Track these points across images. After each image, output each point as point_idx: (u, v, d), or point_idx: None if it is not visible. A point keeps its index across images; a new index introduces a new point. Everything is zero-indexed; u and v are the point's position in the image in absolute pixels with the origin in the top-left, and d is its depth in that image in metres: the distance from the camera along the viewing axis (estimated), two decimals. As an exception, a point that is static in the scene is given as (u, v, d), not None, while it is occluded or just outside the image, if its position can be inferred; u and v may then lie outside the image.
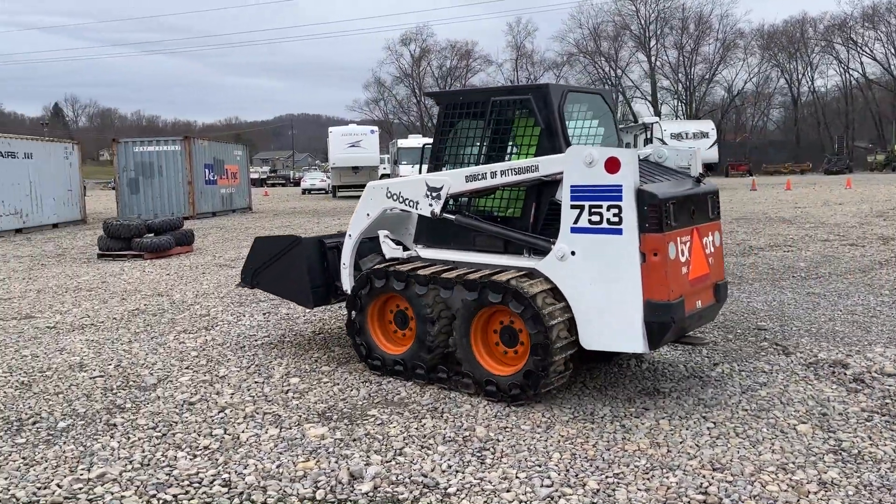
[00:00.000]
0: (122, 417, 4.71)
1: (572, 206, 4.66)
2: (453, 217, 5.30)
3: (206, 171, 24.42)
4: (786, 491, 3.53)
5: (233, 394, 5.14)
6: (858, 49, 69.96)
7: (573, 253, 4.65)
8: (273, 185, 66.48)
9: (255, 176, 62.18)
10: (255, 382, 5.38)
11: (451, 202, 5.35)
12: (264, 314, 7.84)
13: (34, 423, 4.65)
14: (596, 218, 4.57)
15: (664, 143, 35.20)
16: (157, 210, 22.29)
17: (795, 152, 72.50)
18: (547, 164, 4.84)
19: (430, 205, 5.30)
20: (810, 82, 76.29)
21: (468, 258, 5.26)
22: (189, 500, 3.55)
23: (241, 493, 3.61)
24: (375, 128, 37.90)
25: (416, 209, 5.41)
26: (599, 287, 4.56)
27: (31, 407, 4.95)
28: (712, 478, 3.68)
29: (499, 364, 4.92)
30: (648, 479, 3.69)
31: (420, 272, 5.18)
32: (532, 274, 4.81)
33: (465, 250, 5.32)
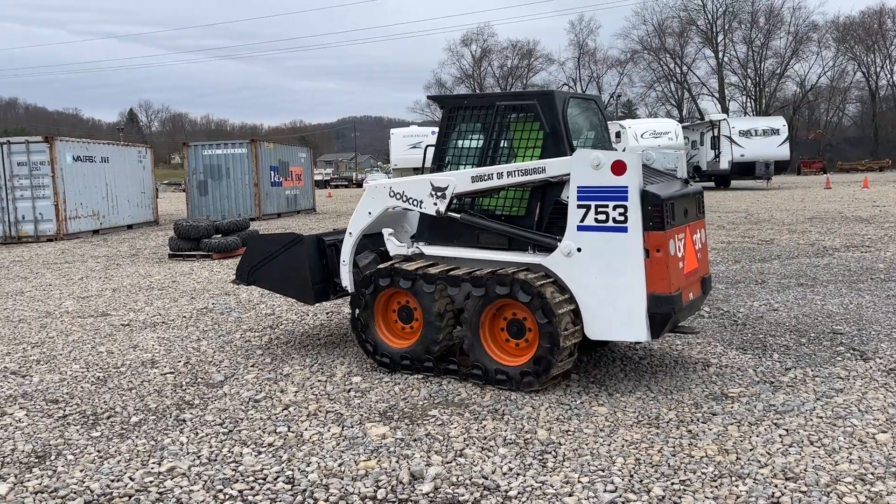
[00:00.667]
0: (191, 413, 4.84)
1: (579, 206, 4.96)
2: (458, 216, 5.52)
3: (272, 172, 24.97)
4: (864, 503, 3.36)
5: (296, 392, 5.22)
6: (941, 39, 66.50)
7: (579, 249, 4.95)
8: (336, 186, 67.54)
9: (319, 177, 63.28)
10: (318, 381, 5.46)
11: (454, 201, 5.55)
12: (327, 314, 7.96)
13: (109, 417, 4.83)
14: (602, 217, 4.88)
15: (732, 140, 34.24)
16: (224, 211, 22.91)
17: (873, 148, 69.38)
18: (554, 167, 5.14)
19: (435, 204, 5.54)
20: (889, 75, 72.92)
21: (472, 255, 5.50)
22: (254, 495, 3.62)
23: (304, 490, 3.66)
24: (437, 129, 38.04)
25: (420, 208, 5.63)
26: (605, 281, 4.88)
27: (106, 402, 5.14)
28: (785, 487, 3.54)
29: (507, 355, 5.16)
30: (717, 486, 3.57)
31: (429, 271, 5.38)
32: (536, 269, 5.13)
33: (467, 247, 5.55)
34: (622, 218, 4.80)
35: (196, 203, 23.68)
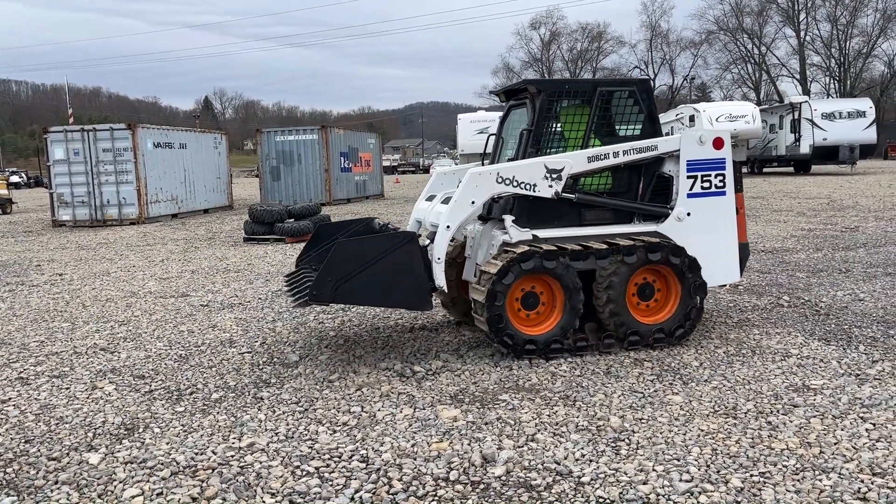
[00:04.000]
0: (268, 392, 4.99)
1: (688, 177, 5.87)
2: (574, 196, 5.73)
3: (342, 158, 25.35)
4: (960, 503, 3.20)
5: (369, 373, 5.32)
6: None
7: (689, 214, 5.87)
8: (403, 172, 68.07)
9: (387, 163, 63.92)
10: (390, 363, 5.54)
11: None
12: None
13: (191, 393, 5.03)
14: (707, 184, 5.92)
15: (814, 123, 32.82)
16: (296, 196, 23.42)
17: (967, 131, 65.33)
18: (665, 144, 5.87)
19: (551, 186, 5.64)
20: None
21: (582, 232, 5.79)
22: (330, 472, 3.71)
23: (378, 469, 3.72)
24: (501, 113, 37.81)
25: (533, 191, 5.64)
26: (708, 238, 5.90)
27: (189, 378, 5.35)
28: (872, 483, 3.40)
29: (643, 317, 5.72)
30: (799, 479, 3.46)
31: (572, 248, 5.53)
32: (650, 235, 5.80)
33: (573, 226, 5.82)
34: (722, 184, 5.94)
35: (269, 188, 24.26)
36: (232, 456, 3.94)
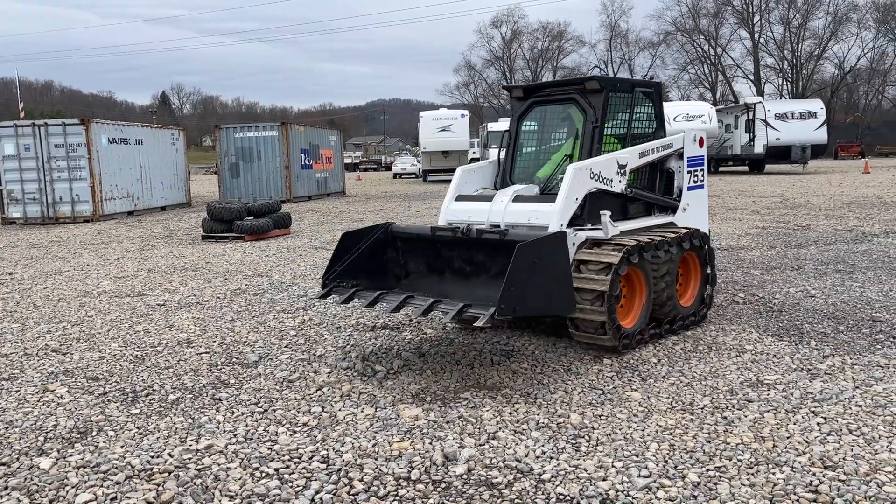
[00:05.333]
0: (227, 392, 4.92)
1: (688, 171, 6.56)
2: (631, 191, 6.11)
3: (303, 155, 25.12)
4: (905, 493, 3.31)
5: (329, 373, 5.27)
6: None
7: (688, 205, 6.57)
8: (365, 169, 67.75)
9: (349, 160, 63.52)
10: (351, 362, 5.50)
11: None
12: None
13: (147, 395, 4.92)
14: (696, 178, 6.70)
15: (768, 124, 33.57)
16: (255, 194, 23.14)
17: (914, 132, 67.55)
18: (678, 141, 6.55)
19: (620, 181, 5.96)
20: (932, 57, 70.77)
21: (628, 226, 6.00)
22: (290, 474, 3.67)
23: (339, 469, 3.70)
24: (466, 112, 37.90)
25: (610, 186, 5.86)
26: (695, 226, 6.49)
27: (144, 380, 5.24)
28: (823, 476, 3.49)
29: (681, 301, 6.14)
30: (753, 473, 3.54)
31: (654, 239, 5.72)
32: (669, 226, 6.34)
33: (620, 220, 6.02)
34: (702, 178, 6.79)
35: (228, 185, 23.93)
36: (189, 458, 3.87)
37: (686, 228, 6.26)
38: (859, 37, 70.44)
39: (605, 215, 5.54)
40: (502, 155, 6.60)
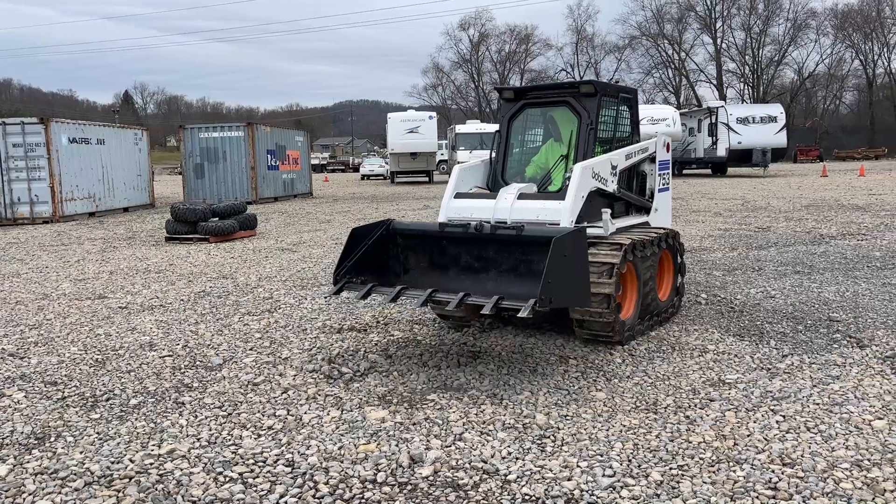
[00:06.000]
0: (190, 396, 4.85)
1: (659, 175, 6.99)
2: (620, 192, 6.39)
3: (269, 156, 24.89)
4: (860, 489, 3.39)
5: (295, 375, 5.23)
6: (940, 28, 66.36)
7: (659, 206, 7.01)
8: (333, 170, 67.36)
9: (316, 162, 63.11)
10: (317, 365, 5.46)
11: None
12: (325, 298, 7.96)
13: (108, 399, 4.83)
14: (664, 181, 7.13)
15: (730, 127, 34.16)
16: (221, 195, 22.86)
17: (869, 137, 69.38)
18: (653, 146, 6.92)
19: (613, 182, 6.22)
20: (886, 63, 72.75)
21: (618, 224, 6.24)
22: (254, 478, 3.63)
23: (304, 473, 3.67)
24: (434, 113, 37.88)
25: (606, 186, 6.13)
26: (662, 225, 6.92)
27: (105, 384, 5.14)
28: (782, 473, 3.56)
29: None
30: (714, 471, 3.60)
31: (645, 237, 6.03)
32: (643, 226, 6.68)
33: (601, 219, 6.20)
34: (667, 180, 7.23)
35: (192, 186, 23.61)
36: (151, 464, 3.81)
37: (664, 228, 6.63)
38: (818, 43, 72.37)
39: (607, 213, 5.91)
40: (493, 155, 6.76)
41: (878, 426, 4.10)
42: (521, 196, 5.96)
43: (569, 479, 3.55)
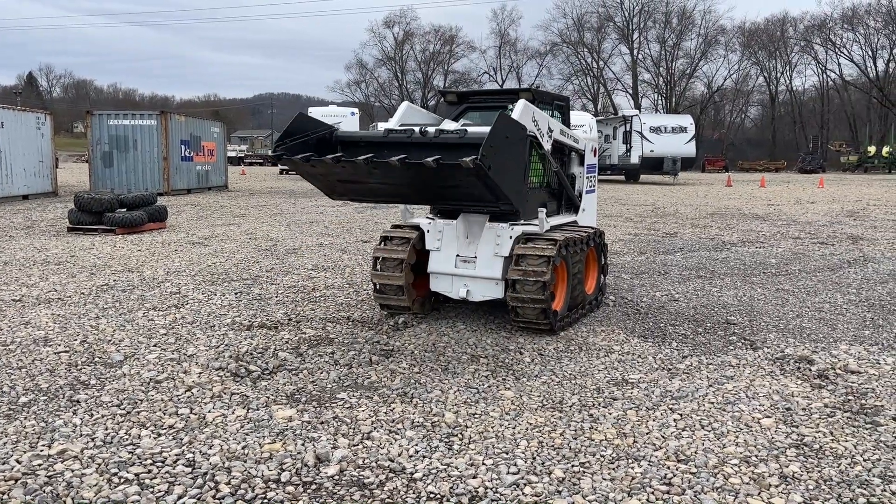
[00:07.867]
0: (86, 394, 4.64)
1: (587, 177, 7.49)
2: (555, 166, 6.78)
3: (183, 147, 24.07)
4: (748, 483, 3.57)
5: (200, 373, 5.08)
6: (836, 50, 70.83)
7: (586, 207, 7.51)
8: (251, 164, 65.76)
9: (233, 154, 61.49)
10: (224, 362, 5.33)
11: None
12: (236, 294, 7.77)
13: (-5, 397, 4.56)
14: (591, 184, 7.66)
15: (643, 136, 35.36)
16: (130, 185, 21.97)
17: (771, 150, 73.31)
18: (582, 145, 7.33)
19: (548, 143, 6.47)
20: (788, 81, 77.10)
21: (551, 222, 6.52)
22: (151, 479, 3.50)
23: (205, 473, 3.57)
24: (356, 110, 37.60)
25: (542, 140, 6.37)
26: (588, 224, 7.50)
27: (-7, 381, 4.85)
28: (677, 469, 3.71)
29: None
30: (614, 468, 3.72)
31: (575, 235, 6.46)
32: (572, 224, 7.07)
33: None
34: (594, 183, 7.81)
35: (100, 175, 22.58)
36: (39, 465, 3.62)
37: (591, 227, 7.25)
38: (726, 59, 75.81)
39: (542, 212, 6.29)
40: None
41: (766, 424, 4.33)
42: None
43: (474, 477, 3.59)
